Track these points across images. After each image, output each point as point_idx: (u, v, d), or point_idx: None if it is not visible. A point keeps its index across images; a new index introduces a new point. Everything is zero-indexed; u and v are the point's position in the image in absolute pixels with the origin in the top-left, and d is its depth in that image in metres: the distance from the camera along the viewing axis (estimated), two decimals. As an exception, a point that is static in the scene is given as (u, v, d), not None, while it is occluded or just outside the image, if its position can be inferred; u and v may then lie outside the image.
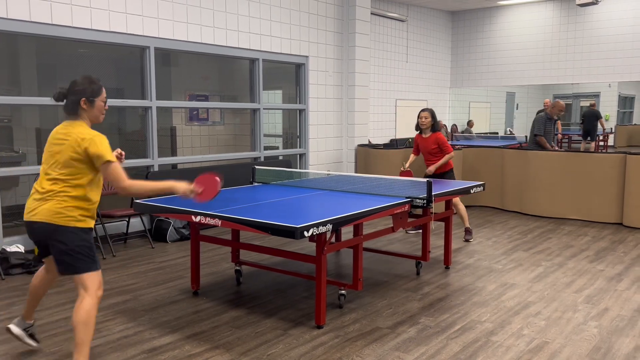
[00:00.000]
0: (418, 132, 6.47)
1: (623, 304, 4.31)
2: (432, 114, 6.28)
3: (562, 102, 8.01)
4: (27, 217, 2.99)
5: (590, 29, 12.26)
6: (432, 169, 6.28)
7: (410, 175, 6.21)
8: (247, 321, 3.94)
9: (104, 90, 3.07)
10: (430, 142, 6.29)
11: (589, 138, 14.77)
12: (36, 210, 2.94)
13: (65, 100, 3.02)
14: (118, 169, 2.93)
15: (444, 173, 6.35)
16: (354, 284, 4.15)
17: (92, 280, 2.97)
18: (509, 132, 15.94)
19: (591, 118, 14.78)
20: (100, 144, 2.91)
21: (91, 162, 2.93)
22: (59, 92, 3.03)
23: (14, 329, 3.33)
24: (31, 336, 3.39)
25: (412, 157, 6.67)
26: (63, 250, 2.93)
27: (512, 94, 17.27)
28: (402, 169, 6.30)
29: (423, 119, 6.27)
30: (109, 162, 2.90)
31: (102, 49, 6.59)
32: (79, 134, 2.91)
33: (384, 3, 11.84)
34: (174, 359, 3.33)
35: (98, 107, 3.04)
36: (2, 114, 6.37)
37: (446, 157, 6.23)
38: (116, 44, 6.33)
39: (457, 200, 6.31)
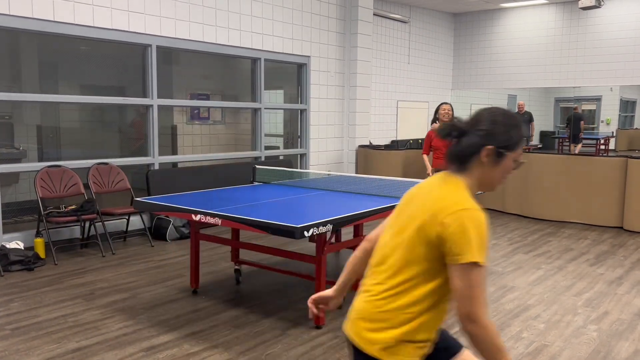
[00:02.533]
0: (435, 126, 6.43)
1: (623, 307, 4.30)
2: (453, 109, 6.30)
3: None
4: None
5: (592, 32, 12.26)
6: None
7: None
8: (246, 321, 3.93)
9: (522, 143, 1.78)
10: None
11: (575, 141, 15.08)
12: None
13: (457, 138, 1.77)
14: (480, 280, 1.60)
15: None
16: (353, 284, 4.13)
17: None
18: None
19: (577, 121, 15.11)
20: (475, 236, 1.58)
21: (442, 255, 1.64)
22: (453, 124, 1.79)
23: None
24: None
25: (426, 158, 6.45)
26: None
27: (514, 96, 17.26)
28: (429, 174, 6.22)
29: (446, 111, 6.21)
30: (474, 264, 1.57)
31: (104, 47, 6.58)
32: (446, 207, 1.63)
33: (386, 4, 11.84)
34: (173, 358, 3.32)
35: (505, 167, 1.75)
36: (3, 110, 6.36)
37: None
38: (118, 41, 6.32)
39: None
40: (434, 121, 6.39)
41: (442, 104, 6.30)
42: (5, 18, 5.38)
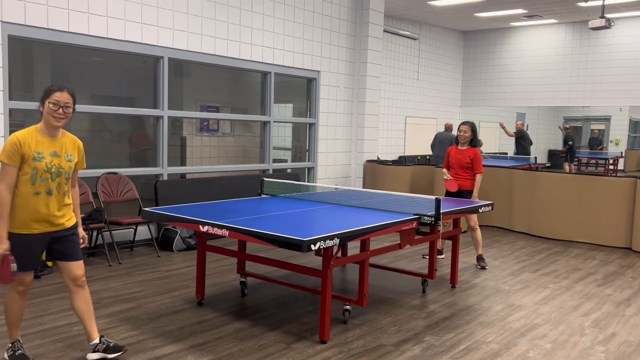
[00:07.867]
0: (454, 144, 6.22)
1: (631, 329, 4.26)
2: (473, 128, 6.02)
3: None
4: None
5: (602, 52, 12.27)
6: (476, 194, 5.98)
7: (456, 184, 5.99)
8: (250, 333, 3.92)
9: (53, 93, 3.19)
10: (466, 156, 5.99)
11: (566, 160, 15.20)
12: None
13: None
14: None
15: (465, 192, 6.04)
16: (359, 299, 4.13)
17: None
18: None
19: (571, 141, 15.27)
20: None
21: None
22: None
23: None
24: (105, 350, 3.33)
25: (445, 171, 6.24)
26: None
27: (522, 114, 17.25)
28: (445, 178, 6.06)
29: (462, 132, 5.99)
30: None
31: (117, 58, 6.65)
32: None
33: (396, 21, 11.92)
34: (176, 369, 3.32)
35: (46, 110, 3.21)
36: (15, 118, 6.43)
37: (479, 178, 5.97)
38: (131, 53, 6.40)
39: (474, 224, 6.06)
40: (455, 140, 6.26)
41: (461, 124, 6.12)
42: (21, 28, 5.46)
